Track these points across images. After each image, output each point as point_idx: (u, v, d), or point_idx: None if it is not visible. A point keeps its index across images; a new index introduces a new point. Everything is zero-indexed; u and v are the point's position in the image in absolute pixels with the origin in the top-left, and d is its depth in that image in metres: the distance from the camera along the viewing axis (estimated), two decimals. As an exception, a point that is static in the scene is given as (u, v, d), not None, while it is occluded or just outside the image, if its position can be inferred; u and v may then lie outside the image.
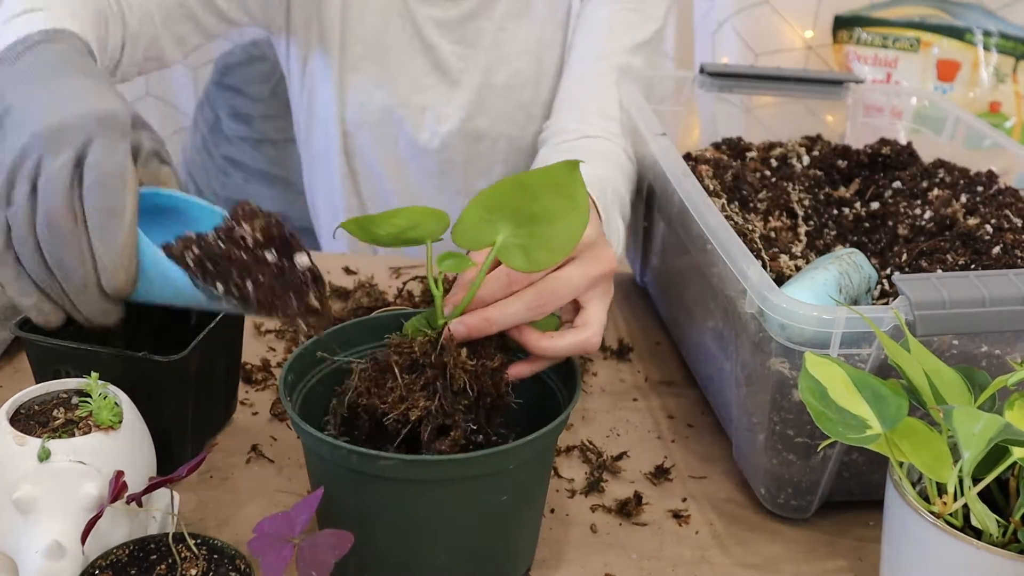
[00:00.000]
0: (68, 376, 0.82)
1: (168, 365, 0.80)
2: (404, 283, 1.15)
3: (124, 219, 0.69)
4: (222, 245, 0.71)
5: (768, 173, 1.10)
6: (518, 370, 0.78)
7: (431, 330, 0.75)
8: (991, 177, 1.06)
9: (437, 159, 1.36)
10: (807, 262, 0.93)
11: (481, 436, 0.76)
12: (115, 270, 0.70)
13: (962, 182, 1.06)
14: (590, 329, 0.80)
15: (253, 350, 1.04)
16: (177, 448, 0.85)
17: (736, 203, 1.02)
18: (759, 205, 1.04)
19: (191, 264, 0.71)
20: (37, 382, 0.82)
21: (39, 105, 0.74)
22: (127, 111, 0.74)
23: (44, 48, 0.82)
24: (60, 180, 0.69)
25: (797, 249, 0.98)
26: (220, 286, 0.70)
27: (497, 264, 0.78)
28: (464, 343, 0.75)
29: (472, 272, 0.76)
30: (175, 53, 1.16)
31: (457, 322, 0.75)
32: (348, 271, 1.21)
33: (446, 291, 0.77)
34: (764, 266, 0.92)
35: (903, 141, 1.18)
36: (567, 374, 0.80)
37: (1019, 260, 0.90)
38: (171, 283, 0.71)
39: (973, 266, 0.91)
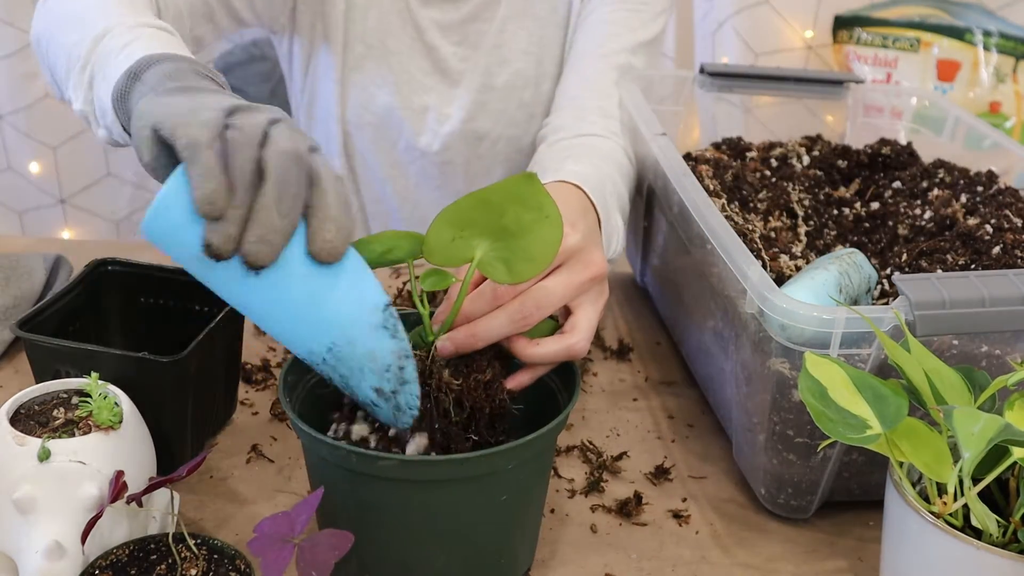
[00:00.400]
0: (68, 376, 0.82)
1: (167, 365, 0.80)
2: (404, 283, 1.15)
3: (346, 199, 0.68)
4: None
5: (768, 173, 1.10)
6: (519, 380, 0.78)
7: (421, 346, 0.76)
8: (991, 177, 1.06)
9: (437, 160, 1.36)
10: (807, 262, 0.93)
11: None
12: (332, 244, 0.67)
13: (962, 182, 1.06)
14: (577, 335, 0.80)
15: (253, 350, 1.04)
16: (177, 448, 0.85)
17: (736, 203, 1.02)
18: (759, 205, 1.04)
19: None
20: (37, 382, 0.82)
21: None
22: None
23: (159, 66, 0.79)
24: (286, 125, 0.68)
25: (797, 249, 0.98)
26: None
27: (482, 279, 0.78)
28: (454, 358, 0.75)
29: (457, 288, 0.77)
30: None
31: (444, 339, 0.76)
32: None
33: (436, 306, 0.78)
34: (764, 266, 0.92)
35: (903, 141, 1.18)
36: (567, 375, 0.80)
37: (1019, 260, 0.90)
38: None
39: (973, 266, 0.91)
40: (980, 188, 1.04)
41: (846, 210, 1.08)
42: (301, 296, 0.68)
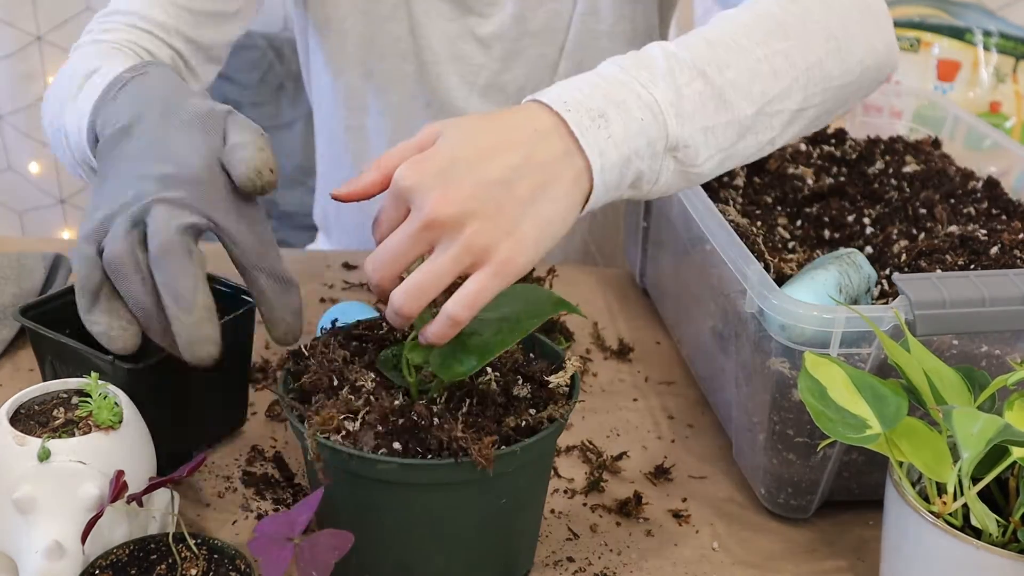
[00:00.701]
0: (55, 367, 0.84)
1: (130, 372, 0.80)
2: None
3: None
4: None
5: (768, 173, 1.10)
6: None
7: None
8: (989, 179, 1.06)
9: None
10: (807, 262, 0.93)
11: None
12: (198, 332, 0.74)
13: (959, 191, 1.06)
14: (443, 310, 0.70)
15: (253, 350, 1.04)
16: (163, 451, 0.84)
17: (737, 203, 1.03)
18: (759, 205, 1.04)
19: None
20: (40, 368, 0.84)
21: (147, 148, 0.77)
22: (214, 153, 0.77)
23: (136, 82, 0.83)
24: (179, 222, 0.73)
25: (797, 249, 0.98)
26: None
27: None
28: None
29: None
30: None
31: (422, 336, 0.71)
32: (348, 266, 1.21)
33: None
34: (764, 266, 0.92)
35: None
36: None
37: (1018, 260, 0.90)
38: None
39: (972, 266, 0.91)
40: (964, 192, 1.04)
41: (846, 211, 1.08)
42: None
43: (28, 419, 0.74)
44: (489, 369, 0.78)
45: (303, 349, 0.79)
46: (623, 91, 0.75)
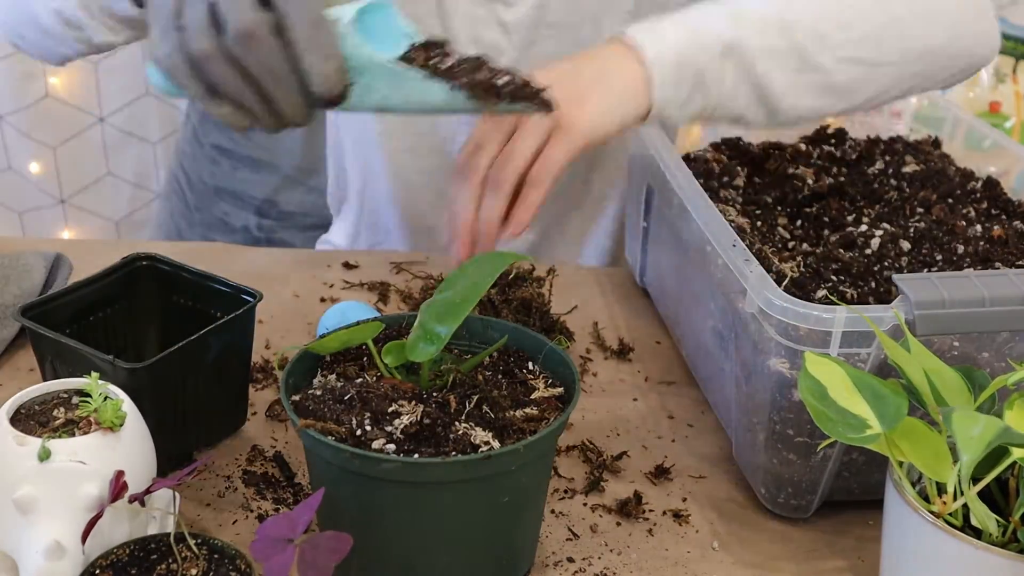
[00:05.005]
0: (55, 366, 0.84)
1: (135, 372, 0.80)
2: (407, 281, 1.15)
3: (331, 26, 0.72)
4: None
5: (768, 173, 1.10)
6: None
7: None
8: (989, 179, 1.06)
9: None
10: (806, 262, 0.93)
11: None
12: (329, 77, 0.72)
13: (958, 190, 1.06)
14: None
15: (253, 350, 1.04)
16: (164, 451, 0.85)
17: (737, 203, 1.03)
18: (760, 205, 1.04)
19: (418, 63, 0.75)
20: (40, 367, 0.84)
21: None
22: None
23: None
24: None
25: (797, 249, 0.98)
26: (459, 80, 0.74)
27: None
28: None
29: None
30: None
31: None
32: (348, 266, 1.21)
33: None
34: (764, 266, 0.92)
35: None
36: (567, 375, 0.80)
37: (1016, 260, 0.90)
38: (397, 78, 0.73)
39: (969, 261, 0.91)
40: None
41: (846, 211, 1.08)
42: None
43: (28, 419, 0.74)
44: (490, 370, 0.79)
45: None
46: (682, 12, 0.88)
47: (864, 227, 0.97)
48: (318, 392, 0.77)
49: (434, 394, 0.76)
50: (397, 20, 0.78)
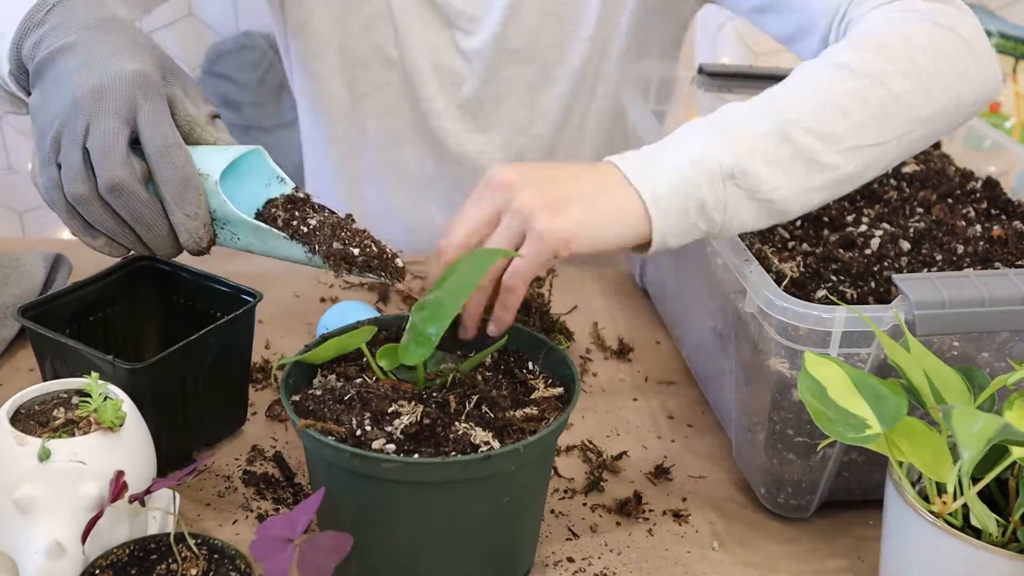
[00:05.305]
0: (55, 366, 0.84)
1: (135, 372, 0.80)
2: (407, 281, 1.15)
3: (200, 183, 0.75)
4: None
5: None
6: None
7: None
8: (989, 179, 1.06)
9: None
10: (806, 262, 0.93)
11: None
12: (195, 232, 0.76)
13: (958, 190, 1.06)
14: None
15: (253, 350, 1.04)
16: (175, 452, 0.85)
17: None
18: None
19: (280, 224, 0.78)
20: (40, 367, 0.84)
21: (76, 64, 0.76)
22: (157, 64, 0.77)
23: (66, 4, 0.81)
24: (117, 148, 0.73)
25: (797, 249, 0.98)
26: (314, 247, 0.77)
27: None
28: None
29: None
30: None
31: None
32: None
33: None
34: (764, 266, 0.92)
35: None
36: (567, 375, 0.80)
37: (1015, 258, 0.90)
38: (260, 233, 0.77)
39: (968, 260, 0.91)
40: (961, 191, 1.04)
41: (846, 211, 1.08)
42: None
43: (28, 419, 0.74)
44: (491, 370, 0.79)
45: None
46: (674, 138, 0.83)
47: (864, 227, 0.97)
48: (318, 392, 0.77)
49: (434, 394, 0.76)
50: (268, 163, 0.81)
